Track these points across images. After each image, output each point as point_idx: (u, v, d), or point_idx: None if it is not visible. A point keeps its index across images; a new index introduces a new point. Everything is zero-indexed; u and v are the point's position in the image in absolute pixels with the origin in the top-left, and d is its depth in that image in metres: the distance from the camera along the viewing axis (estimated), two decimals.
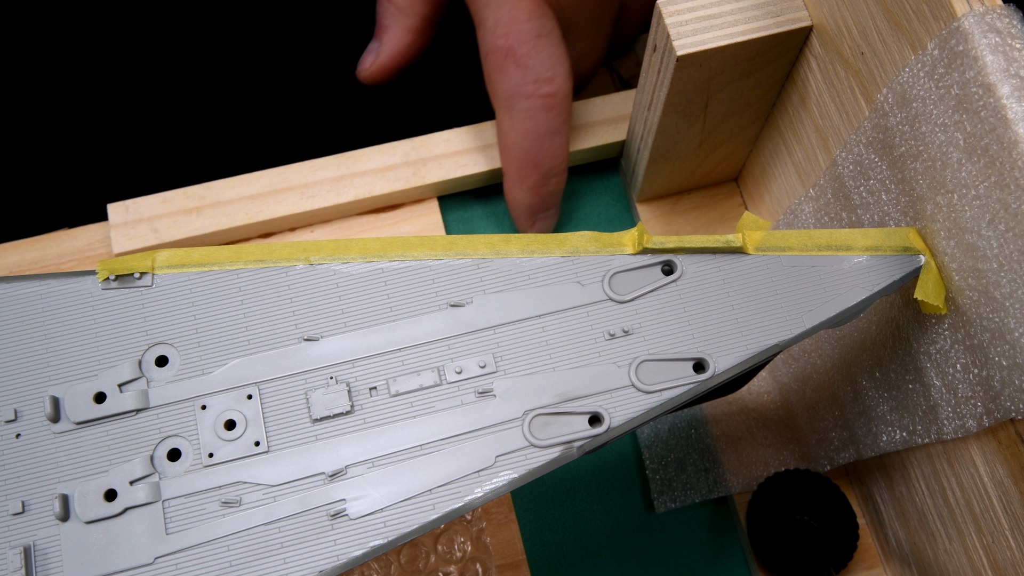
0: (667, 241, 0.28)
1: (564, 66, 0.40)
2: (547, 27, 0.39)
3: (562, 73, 0.40)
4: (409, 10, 0.44)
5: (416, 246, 0.28)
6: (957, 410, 0.30)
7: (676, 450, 0.42)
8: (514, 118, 0.40)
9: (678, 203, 0.46)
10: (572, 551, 0.41)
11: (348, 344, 0.27)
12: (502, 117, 0.41)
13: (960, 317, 0.28)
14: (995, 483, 0.29)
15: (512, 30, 0.39)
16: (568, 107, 0.41)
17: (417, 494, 0.26)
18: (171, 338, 0.27)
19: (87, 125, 0.53)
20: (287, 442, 0.26)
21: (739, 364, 0.27)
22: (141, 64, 0.54)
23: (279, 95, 0.54)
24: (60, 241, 0.43)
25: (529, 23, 0.39)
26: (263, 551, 0.25)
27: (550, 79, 0.39)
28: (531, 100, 0.40)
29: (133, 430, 0.26)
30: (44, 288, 0.27)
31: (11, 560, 0.25)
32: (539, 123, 0.40)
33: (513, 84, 0.39)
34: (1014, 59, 0.25)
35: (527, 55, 0.39)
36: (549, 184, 0.42)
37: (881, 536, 0.40)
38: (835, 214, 0.35)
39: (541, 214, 0.43)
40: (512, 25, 0.39)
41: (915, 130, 0.28)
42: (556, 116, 0.40)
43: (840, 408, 0.38)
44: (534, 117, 0.40)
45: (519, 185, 0.42)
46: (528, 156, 0.41)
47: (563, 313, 0.28)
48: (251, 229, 0.43)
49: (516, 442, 0.26)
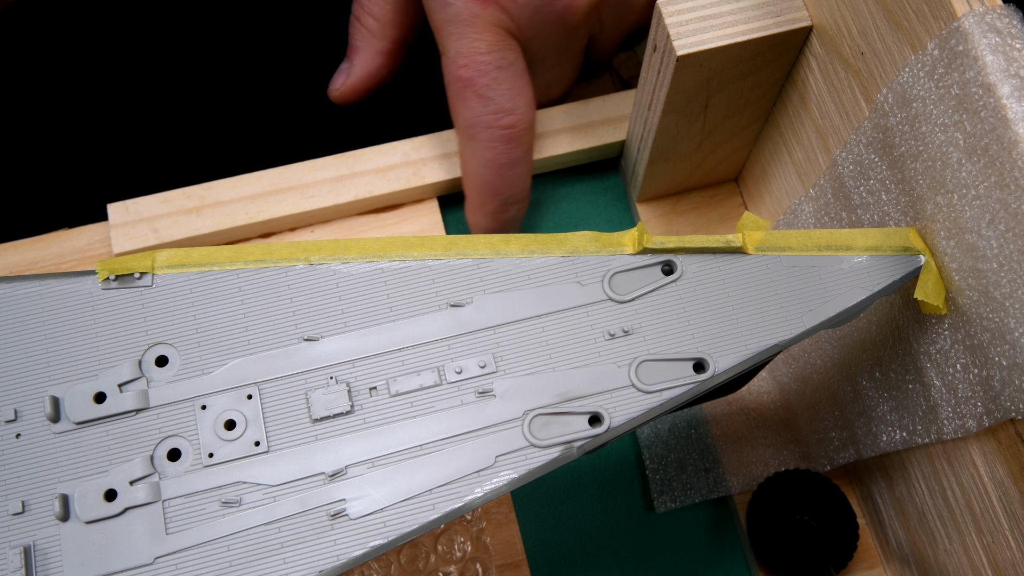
0: (667, 241, 0.28)
1: (525, 97, 0.40)
2: (509, 58, 0.40)
3: (523, 104, 0.40)
4: (380, 33, 0.44)
5: (416, 246, 0.28)
6: (957, 410, 0.30)
7: (676, 450, 0.42)
8: (474, 147, 0.41)
9: (678, 203, 0.46)
10: (572, 551, 0.41)
11: (348, 344, 0.27)
12: (463, 145, 0.41)
13: (960, 317, 0.28)
14: (995, 483, 0.29)
15: (472, 61, 0.39)
16: (529, 138, 0.41)
17: (417, 494, 0.26)
18: (171, 338, 0.27)
19: (87, 125, 0.53)
20: (287, 442, 0.26)
21: (739, 364, 0.27)
22: (141, 65, 0.54)
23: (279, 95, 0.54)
24: (60, 241, 0.43)
25: (490, 55, 0.39)
26: (263, 551, 0.25)
27: (510, 110, 0.40)
28: (491, 131, 0.40)
29: (133, 430, 0.26)
30: (44, 288, 0.27)
31: (11, 560, 0.25)
32: (499, 153, 0.40)
33: (473, 114, 0.40)
34: (1014, 59, 0.25)
35: (487, 86, 0.39)
36: (509, 211, 0.42)
37: (881, 536, 0.40)
38: (835, 214, 0.35)
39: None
40: (472, 56, 0.39)
41: (915, 130, 0.28)
42: (516, 147, 0.41)
43: (840, 408, 0.38)
44: (494, 148, 0.40)
45: (479, 211, 0.42)
46: (488, 185, 0.41)
47: (563, 313, 0.28)
48: (251, 229, 0.43)
49: (516, 442, 0.26)
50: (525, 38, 0.41)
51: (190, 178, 0.44)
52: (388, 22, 0.44)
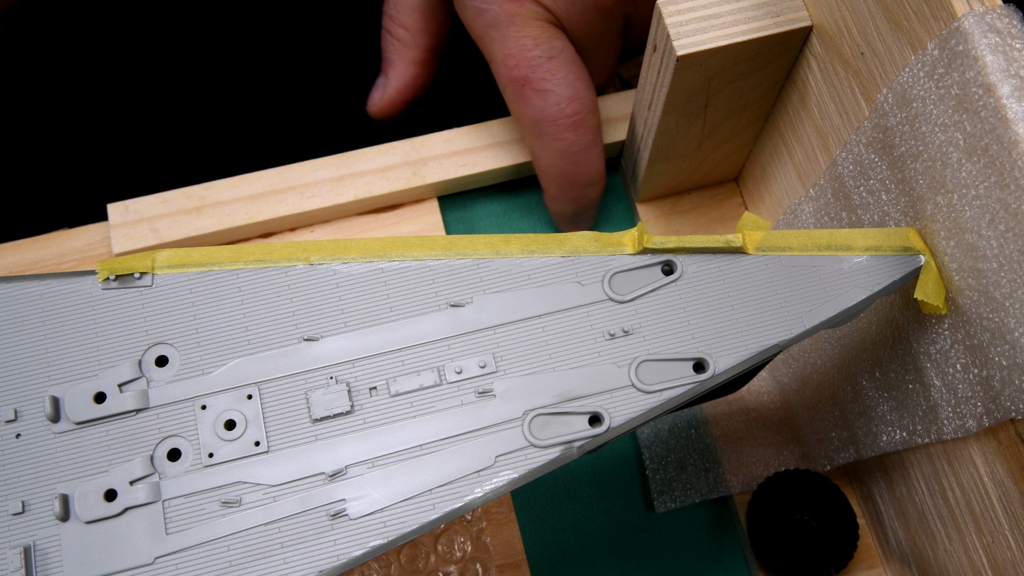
0: (667, 241, 0.28)
1: (583, 81, 0.40)
2: (557, 47, 0.39)
3: (582, 89, 0.40)
4: (411, 43, 0.44)
5: (416, 246, 0.28)
6: (957, 410, 0.30)
7: (676, 450, 0.42)
8: (545, 143, 0.40)
9: (678, 203, 0.46)
10: (572, 551, 0.41)
11: (348, 344, 0.27)
12: (533, 143, 0.41)
13: (960, 317, 0.28)
14: (995, 483, 0.29)
15: (522, 60, 0.39)
16: (596, 119, 0.41)
17: (417, 494, 0.26)
18: (171, 338, 0.27)
19: (87, 125, 0.53)
20: (287, 442, 0.26)
21: (739, 364, 0.27)
22: (141, 65, 0.54)
23: (279, 95, 0.54)
24: (60, 241, 0.43)
25: (538, 48, 0.39)
26: (263, 551, 0.25)
27: (572, 97, 0.40)
28: (558, 123, 0.40)
29: (133, 430, 0.26)
30: (44, 288, 0.27)
31: (11, 560, 0.25)
32: (571, 143, 0.40)
33: (537, 111, 0.40)
34: (1014, 59, 0.25)
35: (544, 79, 0.39)
36: (590, 193, 0.43)
37: (881, 536, 0.40)
38: (835, 214, 0.35)
39: (583, 216, 0.45)
40: (521, 55, 0.39)
41: (915, 130, 0.28)
42: (585, 132, 0.40)
43: (840, 408, 0.38)
44: (564, 138, 0.40)
45: (561, 199, 0.43)
46: (566, 174, 0.41)
47: (563, 313, 0.28)
48: (251, 229, 0.43)
49: (516, 442, 0.26)
50: (564, 27, 0.40)
51: (190, 178, 0.44)
52: (419, 31, 0.44)
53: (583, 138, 0.40)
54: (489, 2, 0.39)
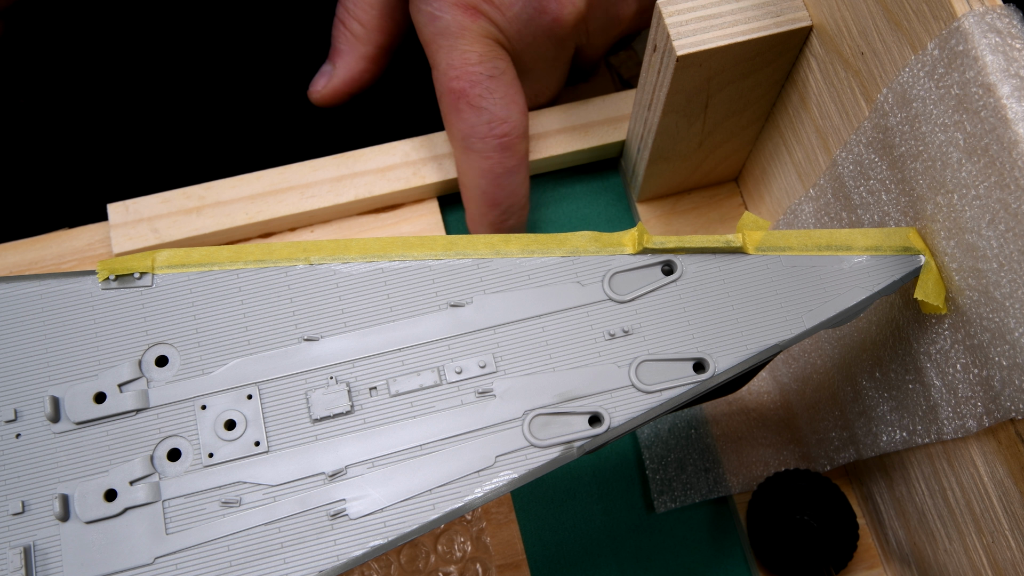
0: (667, 241, 0.28)
1: (519, 105, 0.40)
2: (500, 68, 0.40)
3: (516, 113, 0.40)
4: (365, 39, 0.44)
5: (416, 246, 0.28)
6: (957, 410, 0.30)
7: (676, 450, 0.42)
8: (471, 158, 0.41)
9: (678, 203, 0.46)
10: (572, 551, 0.41)
11: (348, 344, 0.27)
12: (459, 157, 0.41)
13: (960, 317, 0.28)
14: (995, 483, 0.29)
15: (464, 72, 0.39)
16: (524, 146, 0.41)
17: (417, 494, 0.26)
18: (171, 338, 0.27)
19: (87, 125, 0.53)
20: (287, 442, 0.26)
21: (739, 364, 0.27)
22: (141, 64, 0.54)
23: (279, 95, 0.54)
24: (60, 241, 0.43)
25: (481, 65, 0.39)
26: (263, 551, 0.25)
27: (504, 119, 0.40)
28: (486, 140, 0.40)
29: (133, 430, 0.26)
30: (44, 288, 0.27)
31: (11, 560, 0.25)
32: (496, 163, 0.40)
33: (468, 126, 0.40)
34: (1014, 59, 0.25)
35: (480, 96, 0.39)
36: (510, 220, 0.42)
37: (881, 536, 0.40)
38: (835, 214, 0.35)
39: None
40: (464, 68, 0.39)
41: (915, 130, 0.28)
42: (512, 156, 0.41)
43: (840, 408, 0.38)
44: (490, 157, 0.40)
45: (480, 222, 0.42)
46: (487, 195, 0.41)
47: (563, 313, 0.28)
48: (251, 229, 0.43)
49: (516, 442, 0.26)
50: (514, 49, 0.41)
51: (190, 178, 0.44)
52: (374, 28, 0.44)
53: (509, 160, 0.41)
54: (444, 11, 0.39)
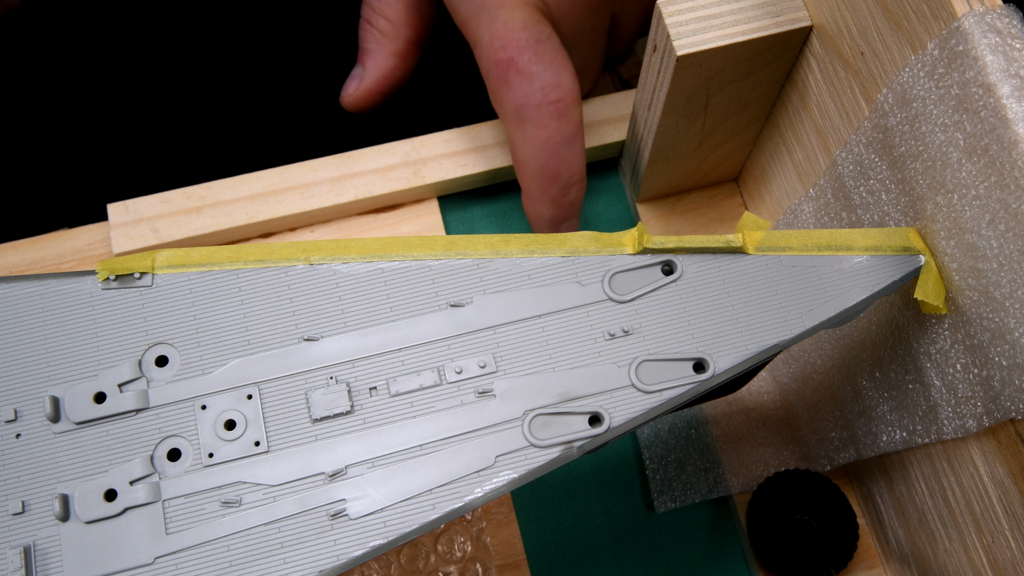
0: (667, 241, 0.28)
1: (568, 70, 0.39)
2: (545, 32, 0.38)
3: (568, 77, 0.38)
4: (392, 34, 0.43)
5: (416, 246, 0.28)
6: (957, 410, 0.30)
7: (676, 450, 0.42)
8: (526, 130, 0.39)
9: (678, 203, 0.46)
10: (572, 551, 0.41)
11: (348, 344, 0.27)
12: (513, 132, 0.39)
13: (960, 317, 0.28)
14: (995, 483, 0.29)
15: (510, 41, 0.38)
16: (579, 112, 0.39)
17: (417, 494, 0.26)
18: (171, 338, 0.27)
19: (87, 125, 0.53)
20: (287, 442, 0.26)
21: (739, 364, 0.27)
22: (141, 64, 0.54)
23: (279, 95, 0.54)
24: (60, 241, 0.43)
25: (526, 31, 0.38)
26: (263, 551, 0.25)
27: (557, 84, 0.38)
28: (541, 108, 0.38)
29: (133, 430, 0.26)
30: (44, 288, 0.27)
31: (11, 560, 0.25)
32: (553, 131, 0.38)
33: (520, 95, 0.38)
34: (1014, 59, 0.25)
35: (529, 62, 0.38)
36: (570, 193, 0.40)
37: (881, 536, 0.40)
38: (835, 214, 0.35)
39: (564, 225, 0.42)
40: (509, 36, 0.38)
41: (915, 130, 0.28)
42: (568, 122, 0.39)
43: (840, 408, 0.38)
44: (547, 126, 0.38)
45: (540, 199, 0.40)
46: (547, 168, 0.39)
47: (563, 313, 0.28)
48: (251, 229, 0.43)
49: (516, 442, 0.26)
50: (553, 18, 0.39)
51: (190, 178, 0.44)
52: (401, 23, 0.43)
53: (566, 128, 0.39)
54: None
